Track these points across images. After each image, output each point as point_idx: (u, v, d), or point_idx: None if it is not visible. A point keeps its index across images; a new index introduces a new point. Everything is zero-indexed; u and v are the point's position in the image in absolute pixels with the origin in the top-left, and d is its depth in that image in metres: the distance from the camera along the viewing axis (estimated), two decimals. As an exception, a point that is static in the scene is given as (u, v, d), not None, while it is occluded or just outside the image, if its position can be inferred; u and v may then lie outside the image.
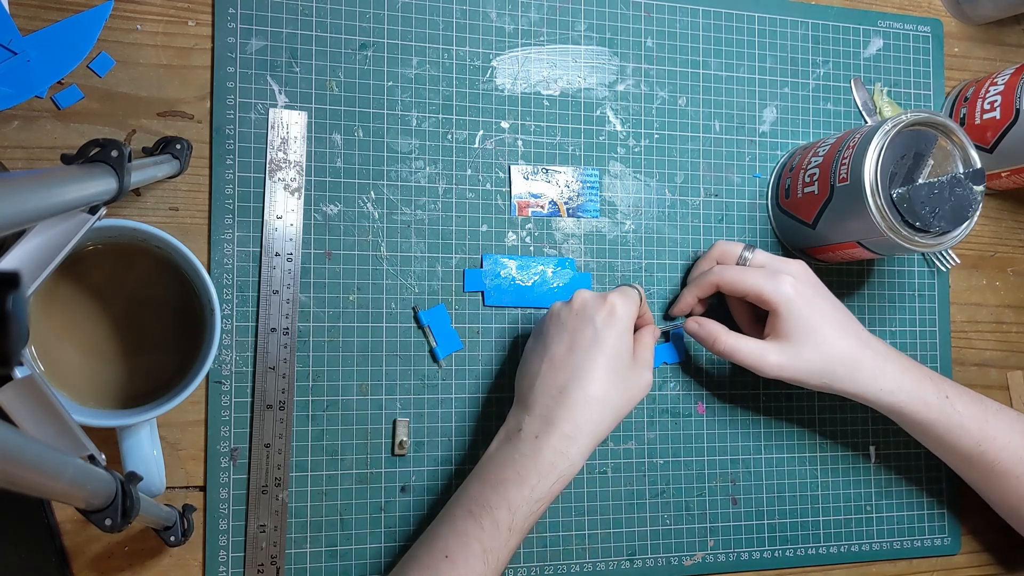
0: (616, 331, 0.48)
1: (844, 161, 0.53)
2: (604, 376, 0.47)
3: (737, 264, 0.54)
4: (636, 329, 0.52)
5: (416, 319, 0.54)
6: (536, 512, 0.46)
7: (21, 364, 0.23)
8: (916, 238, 0.52)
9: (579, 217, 0.58)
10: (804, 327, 0.52)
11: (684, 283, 0.59)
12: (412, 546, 0.48)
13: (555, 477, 0.46)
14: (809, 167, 0.57)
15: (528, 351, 0.51)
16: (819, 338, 0.52)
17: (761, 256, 0.54)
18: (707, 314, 0.58)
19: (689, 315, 0.57)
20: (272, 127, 0.52)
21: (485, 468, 0.48)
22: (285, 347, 0.52)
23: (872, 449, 0.62)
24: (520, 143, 0.57)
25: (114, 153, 0.36)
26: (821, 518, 0.61)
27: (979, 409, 0.54)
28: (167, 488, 0.49)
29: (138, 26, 0.51)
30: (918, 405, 0.53)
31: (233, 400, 0.51)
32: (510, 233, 0.56)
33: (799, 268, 0.53)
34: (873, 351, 0.53)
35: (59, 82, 0.49)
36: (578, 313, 0.49)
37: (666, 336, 0.58)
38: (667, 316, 0.58)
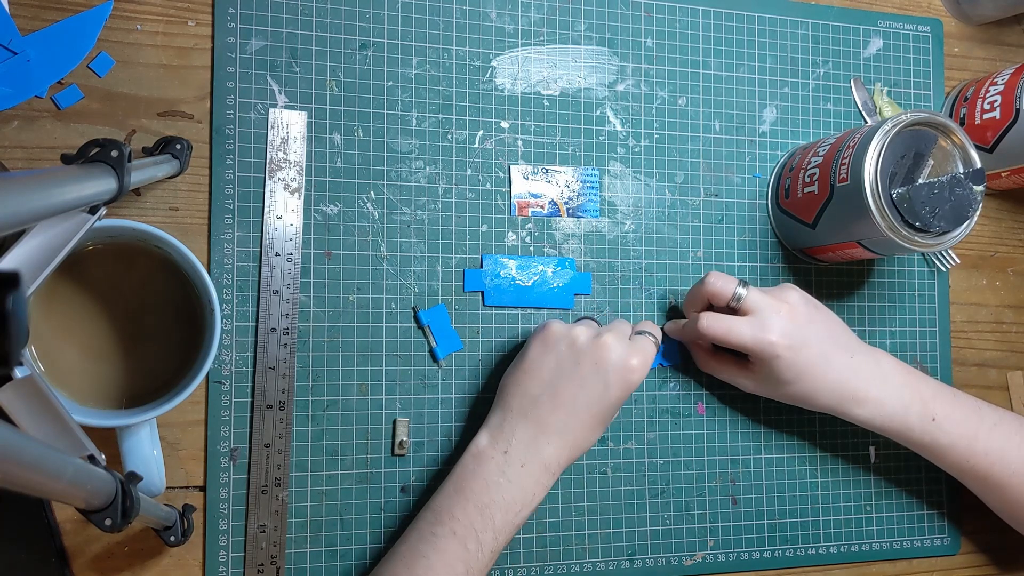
0: (624, 394, 0.49)
1: (844, 161, 0.53)
2: (595, 426, 0.49)
3: (730, 303, 0.53)
4: None
5: (416, 319, 0.54)
6: (512, 535, 0.48)
7: (21, 364, 0.23)
8: (916, 238, 0.52)
9: (579, 217, 0.58)
10: (787, 374, 0.52)
11: (679, 299, 0.59)
12: (385, 563, 0.47)
13: (534, 505, 0.48)
14: (809, 167, 0.57)
15: (531, 361, 0.49)
16: (801, 382, 0.53)
17: (754, 296, 0.52)
18: None
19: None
20: (272, 127, 0.52)
21: (467, 485, 0.47)
22: (285, 347, 0.52)
23: (872, 449, 0.62)
24: (520, 143, 0.57)
25: (114, 153, 0.36)
26: (821, 518, 0.61)
27: (973, 425, 0.54)
28: (167, 488, 0.49)
29: (138, 26, 0.51)
30: (899, 429, 0.54)
31: (233, 400, 0.51)
32: (510, 233, 0.56)
33: (788, 313, 0.52)
34: (858, 377, 0.53)
35: (59, 82, 0.49)
36: (597, 362, 0.48)
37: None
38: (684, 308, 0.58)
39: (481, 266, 0.55)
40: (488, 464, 0.47)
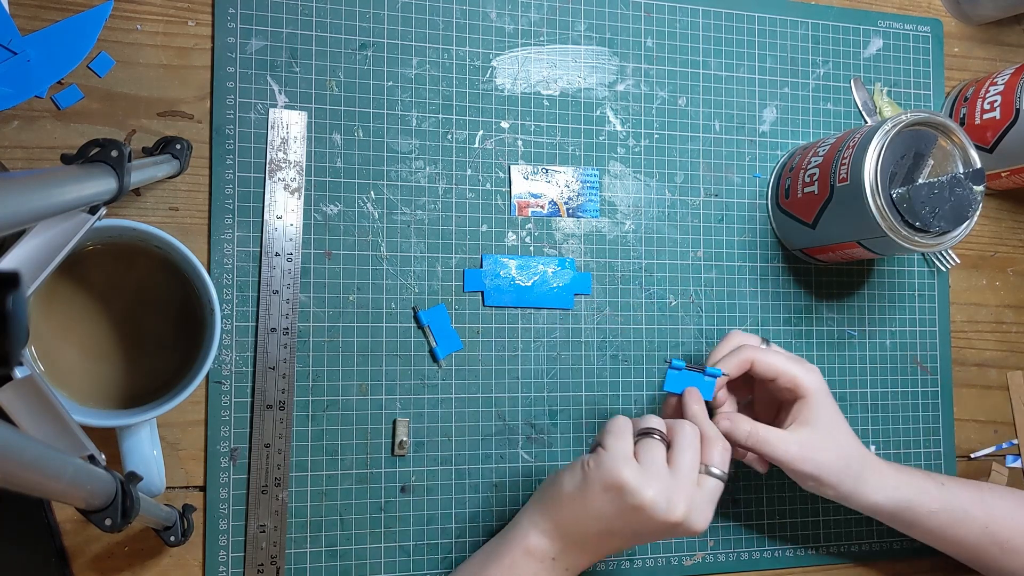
0: (650, 538, 0.47)
1: (844, 161, 0.53)
2: (629, 546, 0.48)
3: None
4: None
5: (416, 319, 0.54)
6: None
7: (21, 364, 0.23)
8: (916, 238, 0.52)
9: (579, 217, 0.58)
10: (826, 417, 0.51)
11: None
12: None
13: None
14: (809, 167, 0.57)
15: (580, 485, 0.46)
16: (836, 432, 0.52)
17: (778, 349, 0.53)
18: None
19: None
20: (272, 127, 0.52)
21: None
22: (285, 347, 0.52)
23: (872, 449, 0.62)
24: (520, 143, 0.57)
25: (114, 153, 0.36)
26: (821, 518, 0.61)
27: (975, 489, 0.55)
28: (167, 488, 0.49)
29: (138, 26, 0.51)
30: (922, 497, 0.53)
31: (233, 400, 0.51)
32: (510, 233, 0.56)
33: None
34: (871, 456, 0.53)
35: (59, 82, 0.49)
36: (648, 524, 0.45)
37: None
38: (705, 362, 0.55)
39: (481, 266, 0.55)
40: (535, 567, 0.47)
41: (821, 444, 0.51)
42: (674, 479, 0.45)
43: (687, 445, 0.47)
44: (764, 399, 0.55)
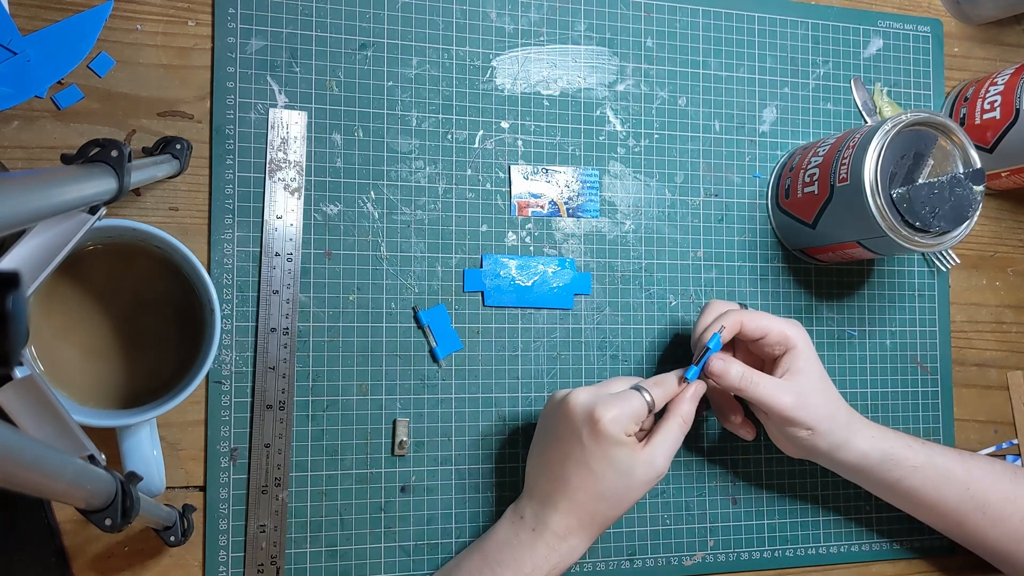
0: (603, 448, 0.47)
1: (844, 161, 0.53)
2: (593, 487, 0.47)
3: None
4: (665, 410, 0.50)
5: (416, 319, 0.54)
6: None
7: (21, 364, 0.23)
8: (916, 238, 0.52)
9: (579, 217, 0.58)
10: (816, 368, 0.52)
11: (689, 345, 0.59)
12: None
13: (549, 567, 0.48)
14: (809, 167, 0.57)
15: (536, 437, 0.52)
16: (826, 382, 0.53)
17: (758, 311, 0.54)
18: None
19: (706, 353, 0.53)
20: (272, 127, 0.52)
21: (488, 544, 0.50)
22: (285, 347, 0.52)
23: (872, 449, 0.62)
24: (520, 143, 0.57)
25: (114, 153, 0.36)
26: (821, 518, 0.61)
27: (957, 453, 0.56)
28: (167, 488, 0.49)
29: (138, 26, 0.51)
30: (906, 452, 0.54)
31: (233, 400, 0.51)
32: (510, 233, 0.56)
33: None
34: (855, 411, 0.54)
35: (59, 82, 0.49)
36: (567, 422, 0.48)
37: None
38: (697, 343, 0.54)
39: (481, 266, 0.55)
40: (509, 527, 0.50)
41: (813, 392, 0.52)
42: (604, 390, 0.49)
43: (616, 377, 0.51)
44: (746, 363, 0.55)
